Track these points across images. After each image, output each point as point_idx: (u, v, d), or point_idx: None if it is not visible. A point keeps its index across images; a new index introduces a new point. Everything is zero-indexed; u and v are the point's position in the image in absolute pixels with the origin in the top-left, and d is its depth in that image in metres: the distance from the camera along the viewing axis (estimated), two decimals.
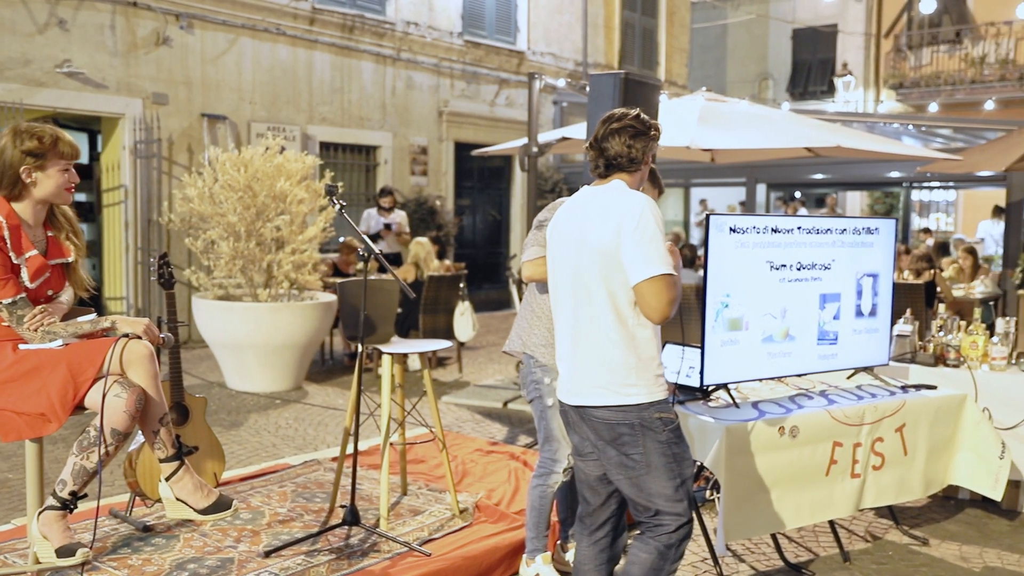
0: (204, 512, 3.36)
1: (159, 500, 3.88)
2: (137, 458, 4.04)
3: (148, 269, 9.69)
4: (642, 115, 3.01)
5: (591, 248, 2.89)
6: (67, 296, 3.40)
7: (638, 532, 3.09)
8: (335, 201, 4.10)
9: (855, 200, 21.34)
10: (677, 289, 2.82)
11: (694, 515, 3.02)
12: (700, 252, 8.41)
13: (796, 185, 19.59)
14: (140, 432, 3.40)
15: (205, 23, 10.51)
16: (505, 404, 7.34)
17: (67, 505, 3.22)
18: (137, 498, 4.21)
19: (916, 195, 21.28)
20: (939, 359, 4.94)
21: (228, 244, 7.51)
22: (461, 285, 8.83)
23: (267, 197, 7.48)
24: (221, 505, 3.37)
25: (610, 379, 2.89)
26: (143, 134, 9.95)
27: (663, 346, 4.32)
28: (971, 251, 10.53)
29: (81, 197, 10.82)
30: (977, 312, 5.08)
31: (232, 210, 7.46)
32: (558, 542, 4.06)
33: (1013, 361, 4.99)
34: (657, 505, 2.95)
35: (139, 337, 3.24)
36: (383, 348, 4.33)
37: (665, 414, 2.92)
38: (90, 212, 10.94)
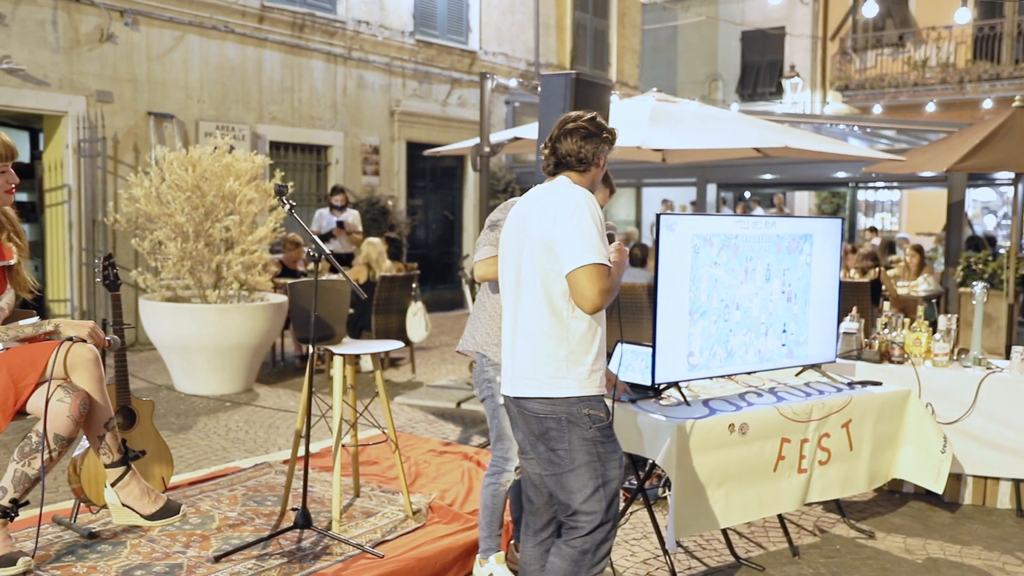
0: (151, 517, 3.31)
1: (105, 506, 3.81)
2: (82, 463, 3.96)
3: (93, 270, 9.49)
4: (598, 118, 3.04)
5: (530, 240, 2.95)
6: (7, 300, 3.32)
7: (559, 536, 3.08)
8: (285, 201, 4.07)
9: (803, 200, 21.69)
10: (611, 281, 2.84)
11: (612, 519, 2.98)
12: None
13: (745, 185, 19.84)
14: (85, 437, 3.33)
15: (151, 20, 10.33)
16: (458, 404, 7.33)
17: (7, 513, 3.15)
18: (82, 504, 4.12)
19: (862, 195, 21.70)
20: (884, 356, 5.05)
21: (176, 245, 7.39)
22: (413, 285, 8.79)
23: (216, 197, 7.37)
24: (169, 510, 3.33)
25: (541, 370, 2.92)
26: (87, 132, 9.75)
27: (616, 344, 4.35)
28: (918, 249, 10.78)
29: (23, 197, 10.56)
30: (920, 310, 5.21)
31: (180, 210, 7.35)
32: (511, 541, 4.07)
33: (955, 357, 5.12)
34: (574, 504, 2.95)
35: (83, 340, 3.18)
36: (334, 349, 4.29)
37: (594, 411, 2.92)
38: (32, 212, 10.68)
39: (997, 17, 19.02)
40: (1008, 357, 5.05)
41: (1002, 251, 10.54)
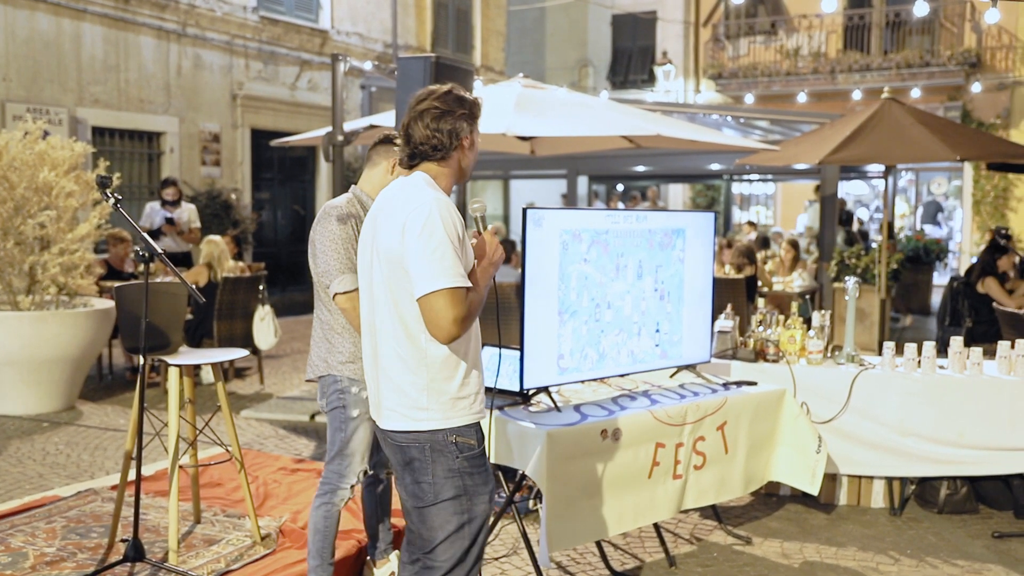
0: None
1: None
2: None
3: None
4: (452, 92, 2.85)
5: (379, 253, 2.82)
6: None
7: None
8: (109, 194, 3.92)
9: (677, 193, 22.39)
10: (469, 305, 2.69)
11: (475, 559, 2.90)
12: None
13: (618, 177, 20.34)
14: None
15: None
16: (312, 417, 7.22)
17: None
18: None
19: (736, 188, 22.62)
20: (759, 354, 5.26)
21: None
22: (261, 287, 8.61)
23: (28, 190, 7.03)
24: None
25: (400, 401, 2.80)
26: None
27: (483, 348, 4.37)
28: (794, 244, 11.30)
29: None
30: (795, 306, 5.45)
31: None
32: (367, 558, 4.05)
33: (829, 354, 5.39)
34: (435, 541, 2.84)
35: None
36: (169, 360, 4.17)
37: (463, 438, 2.81)
38: None
39: (866, 7, 20.16)
40: (881, 353, 5.35)
41: (874, 245, 11.17)
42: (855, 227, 15.37)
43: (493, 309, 3.14)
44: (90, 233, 7.45)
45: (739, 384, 4.79)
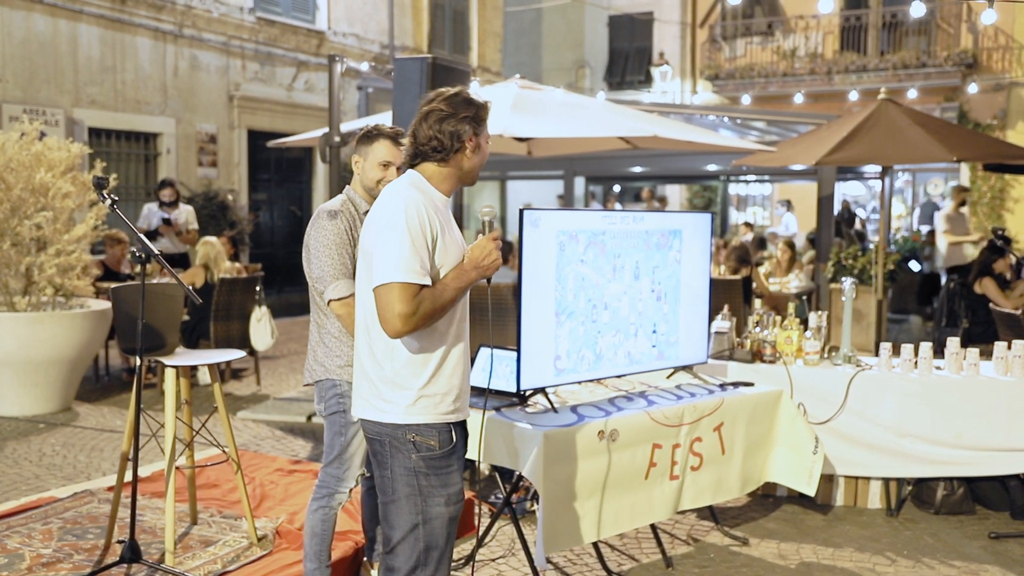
0: None
1: None
2: None
3: None
4: (460, 94, 2.88)
5: (362, 247, 2.92)
6: None
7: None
8: (105, 195, 3.92)
9: (674, 194, 22.39)
10: (419, 302, 2.67)
11: (433, 564, 2.87)
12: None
13: (615, 178, 20.34)
14: None
15: None
16: (309, 418, 7.22)
17: None
18: None
19: (733, 189, 22.61)
20: (756, 355, 5.27)
21: None
22: (257, 288, 8.60)
23: (24, 190, 7.02)
24: None
25: (368, 390, 2.85)
26: None
27: (479, 349, 4.38)
28: (790, 245, 11.32)
29: None
30: (791, 307, 5.45)
31: None
32: (364, 559, 4.06)
33: (825, 355, 5.39)
34: (394, 540, 2.86)
35: None
36: (166, 361, 4.17)
37: (422, 437, 2.80)
38: None
39: (862, 8, 20.17)
40: (877, 354, 5.35)
41: (871, 246, 11.17)
42: (858, 226, 15.38)
43: (488, 310, 3.15)
44: (87, 234, 7.43)
45: (736, 385, 4.79)
